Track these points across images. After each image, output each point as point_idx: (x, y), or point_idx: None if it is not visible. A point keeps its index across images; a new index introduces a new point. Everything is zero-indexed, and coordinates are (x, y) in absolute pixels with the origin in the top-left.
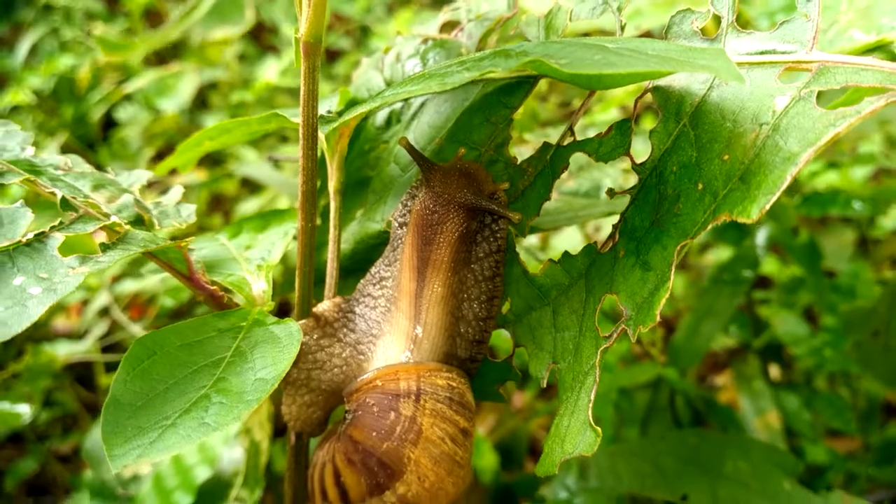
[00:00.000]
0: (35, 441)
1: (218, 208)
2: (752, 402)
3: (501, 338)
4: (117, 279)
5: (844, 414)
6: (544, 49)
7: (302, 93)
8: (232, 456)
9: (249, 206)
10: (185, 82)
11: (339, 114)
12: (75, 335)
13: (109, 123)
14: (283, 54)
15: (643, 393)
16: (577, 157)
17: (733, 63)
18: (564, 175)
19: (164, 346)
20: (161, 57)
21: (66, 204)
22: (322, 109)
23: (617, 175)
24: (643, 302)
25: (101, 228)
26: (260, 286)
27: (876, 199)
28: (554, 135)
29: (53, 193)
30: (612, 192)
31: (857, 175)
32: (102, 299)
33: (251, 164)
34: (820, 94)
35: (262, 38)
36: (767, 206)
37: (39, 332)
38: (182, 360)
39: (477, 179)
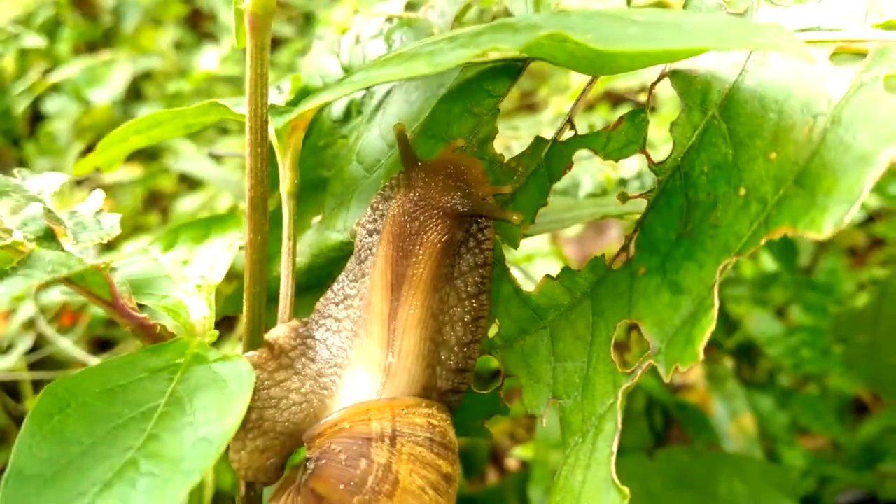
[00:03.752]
0: None
1: (154, 205)
2: (725, 405)
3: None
4: (45, 286)
5: (825, 417)
6: (559, 21)
7: (248, 78)
8: None
9: (189, 202)
10: (118, 72)
11: (292, 104)
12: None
13: (37, 117)
14: (222, 41)
15: None
16: None
17: (799, 39)
18: None
19: (80, 394)
20: (91, 45)
21: None
22: (270, 98)
23: (596, 171)
24: (676, 333)
25: None
26: (200, 311)
27: None
28: (523, 126)
29: None
30: (624, 197)
31: None
32: (28, 309)
33: (189, 158)
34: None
35: (199, 26)
36: (846, 219)
37: None
38: (103, 413)
39: (467, 180)
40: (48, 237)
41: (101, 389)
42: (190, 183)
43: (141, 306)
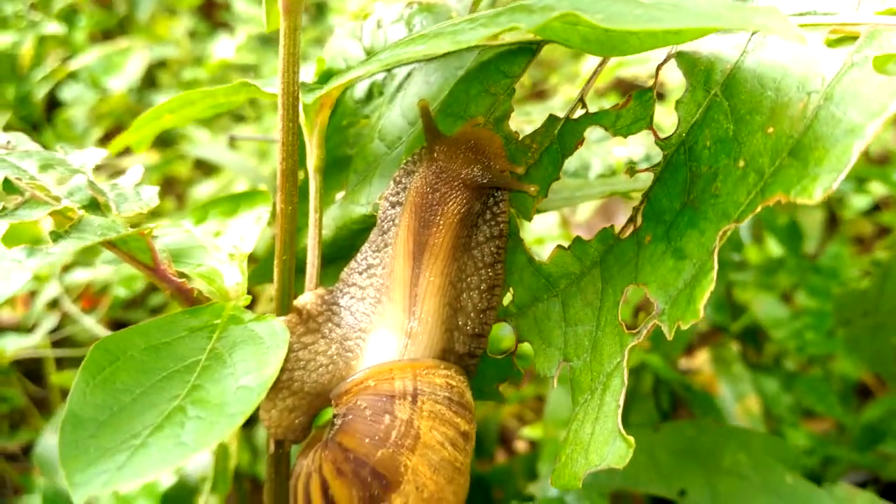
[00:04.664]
0: None
1: (170, 192)
2: (731, 387)
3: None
4: (68, 268)
5: (828, 398)
6: (571, 3)
7: (281, 57)
8: (198, 460)
9: (204, 189)
10: (133, 59)
11: (319, 83)
12: (22, 328)
13: (54, 103)
14: (236, 30)
15: None
16: None
17: (792, 22)
18: None
19: (128, 349)
20: (107, 33)
21: (9, 186)
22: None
23: (606, 153)
24: (679, 294)
25: (50, 214)
26: (233, 277)
27: (853, 178)
28: (535, 112)
29: None
30: (632, 170)
31: None
32: (52, 290)
33: (205, 144)
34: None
35: (213, 15)
36: (834, 186)
37: None
38: (150, 366)
39: (487, 154)
40: (93, 206)
41: (146, 346)
42: (205, 169)
43: (179, 275)
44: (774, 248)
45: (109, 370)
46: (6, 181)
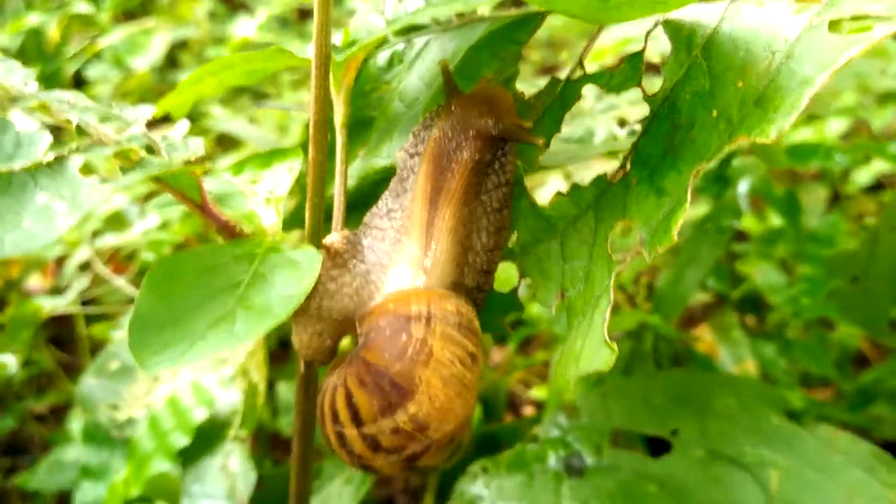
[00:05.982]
0: (11, 400)
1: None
2: (730, 351)
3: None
4: (96, 234)
5: (821, 359)
6: None
7: (315, 21)
8: (228, 398)
9: (225, 164)
10: (156, 40)
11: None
12: (52, 294)
13: (79, 82)
14: (255, 11)
15: (625, 342)
16: None
17: None
18: None
19: (181, 269)
20: (130, 14)
21: (81, 130)
22: None
23: (610, 122)
24: (658, 224)
25: (116, 154)
26: (270, 219)
27: (852, 153)
28: (543, 84)
29: (68, 120)
30: (624, 122)
31: (832, 130)
32: (82, 254)
33: (226, 121)
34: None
35: None
36: (787, 126)
37: (13, 292)
38: (202, 283)
39: (499, 108)
40: (149, 151)
41: (196, 268)
42: (226, 145)
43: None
44: (776, 220)
45: (166, 286)
46: (79, 126)
